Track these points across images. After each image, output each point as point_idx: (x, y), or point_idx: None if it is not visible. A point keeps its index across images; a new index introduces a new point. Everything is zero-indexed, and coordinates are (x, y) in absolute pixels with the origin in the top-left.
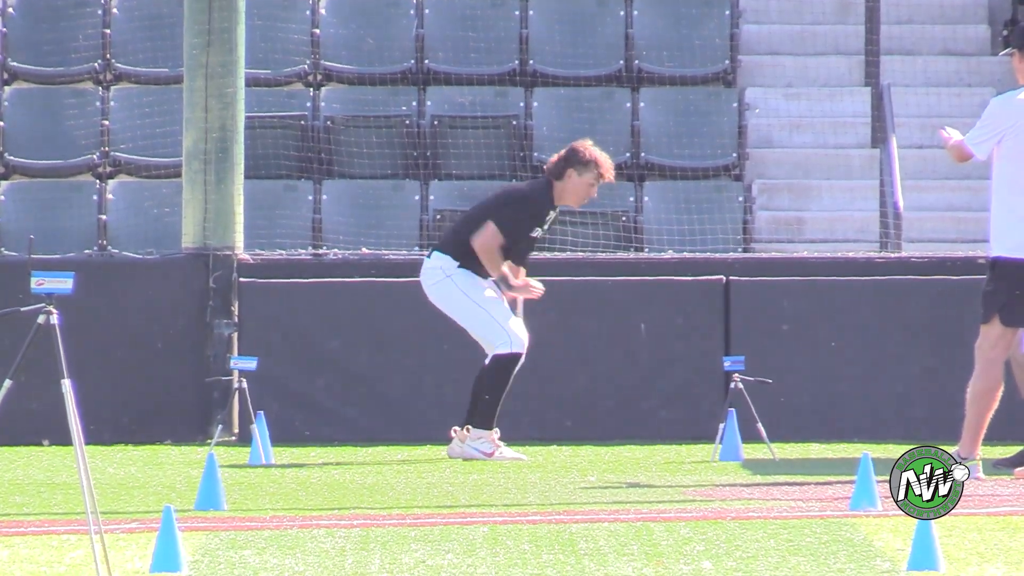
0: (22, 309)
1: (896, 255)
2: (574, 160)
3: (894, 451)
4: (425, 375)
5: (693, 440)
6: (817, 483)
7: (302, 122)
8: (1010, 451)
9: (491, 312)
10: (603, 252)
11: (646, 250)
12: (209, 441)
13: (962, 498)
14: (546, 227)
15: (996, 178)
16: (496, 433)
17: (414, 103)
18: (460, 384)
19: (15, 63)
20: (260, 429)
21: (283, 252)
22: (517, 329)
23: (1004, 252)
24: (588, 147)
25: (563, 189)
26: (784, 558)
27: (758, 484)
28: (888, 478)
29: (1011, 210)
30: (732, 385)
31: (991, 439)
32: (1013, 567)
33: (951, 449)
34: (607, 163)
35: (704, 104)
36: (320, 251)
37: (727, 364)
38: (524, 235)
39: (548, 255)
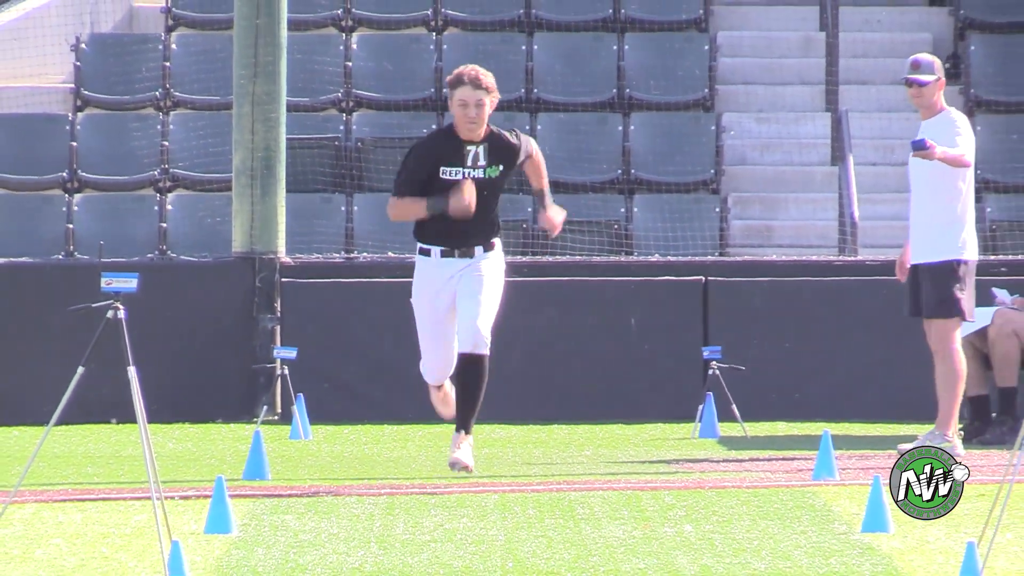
0: (93, 305)
1: (852, 259)
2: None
3: (851, 429)
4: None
5: (676, 420)
6: (783, 457)
7: (336, 143)
8: (911, 431)
9: (419, 328)
10: (598, 256)
11: (635, 254)
12: (255, 420)
13: None
14: (473, 164)
15: (944, 188)
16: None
17: (433, 126)
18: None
19: (87, 92)
20: (300, 409)
21: (320, 256)
22: (436, 360)
23: (954, 255)
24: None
25: (454, 121)
26: (755, 521)
27: (732, 458)
28: (846, 452)
29: (961, 215)
30: (710, 372)
31: (889, 416)
32: (952, 529)
33: (922, 431)
34: (460, 71)
35: (686, 127)
36: (352, 255)
37: (706, 353)
38: (429, 178)
39: (550, 259)
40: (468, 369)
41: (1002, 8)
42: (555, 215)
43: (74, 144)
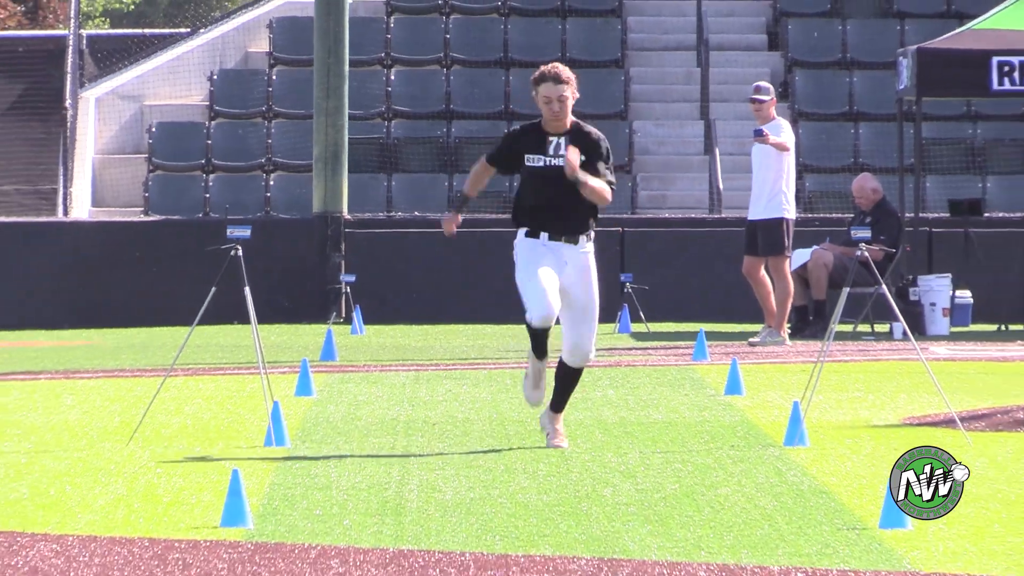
0: (222, 247)
1: (718, 216)
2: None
3: (718, 327)
4: (456, 283)
5: (603, 322)
6: (673, 346)
7: (380, 141)
8: (754, 328)
9: (522, 280)
10: None
11: None
12: (328, 322)
13: (772, 355)
14: (555, 153)
15: (776, 166)
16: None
17: (444, 130)
18: (482, 287)
19: (217, 107)
20: (357, 315)
21: (369, 214)
22: (539, 297)
23: (780, 214)
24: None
25: (542, 115)
26: (655, 388)
27: (639, 347)
28: (714, 342)
29: (785, 187)
30: (625, 290)
31: (742, 320)
32: (785, 393)
33: (761, 327)
34: (542, 69)
35: (610, 130)
36: (391, 214)
37: (622, 278)
38: (517, 162)
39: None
40: (571, 374)
41: (816, 52)
42: (574, 156)
43: (209, 142)
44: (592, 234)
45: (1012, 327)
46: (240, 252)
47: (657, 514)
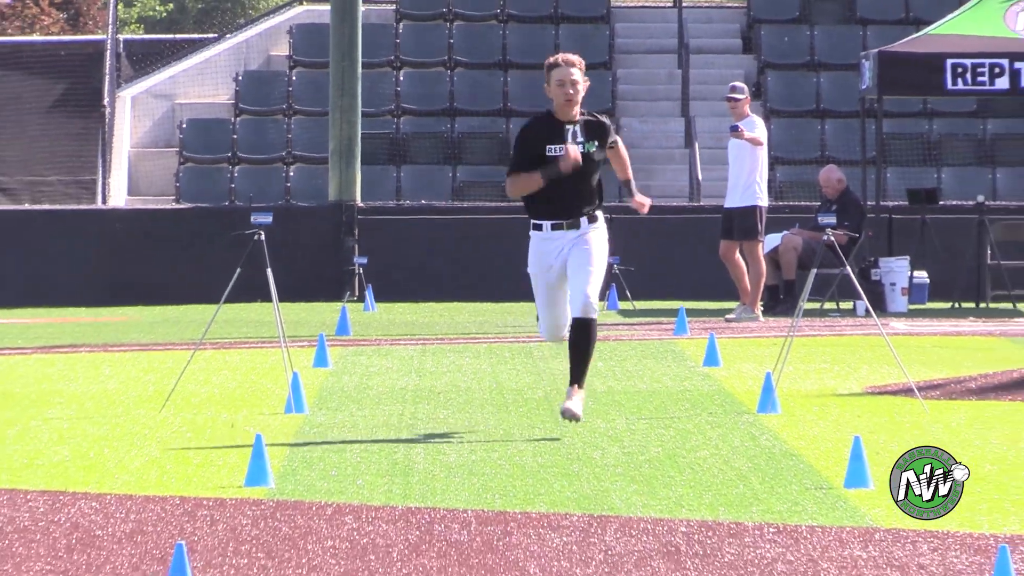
0: (246, 232)
1: (697, 204)
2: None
3: (697, 305)
4: (459, 265)
5: None
6: (656, 322)
7: (390, 136)
8: (730, 305)
9: (535, 291)
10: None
11: None
12: (343, 300)
13: (747, 330)
14: (573, 140)
15: (751, 159)
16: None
17: (448, 126)
18: (483, 269)
19: (242, 105)
20: (369, 294)
21: (380, 202)
22: (547, 320)
23: (754, 202)
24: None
25: (553, 103)
26: (640, 360)
27: (626, 323)
28: (694, 318)
29: (758, 178)
30: (613, 271)
31: (719, 298)
32: (758, 365)
33: (736, 305)
34: (554, 56)
35: None
36: (400, 202)
37: (611, 260)
38: (537, 156)
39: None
40: (580, 332)
41: (786, 55)
42: (642, 200)
43: (234, 137)
44: (598, 216)
45: (964, 305)
46: (263, 237)
47: (642, 475)
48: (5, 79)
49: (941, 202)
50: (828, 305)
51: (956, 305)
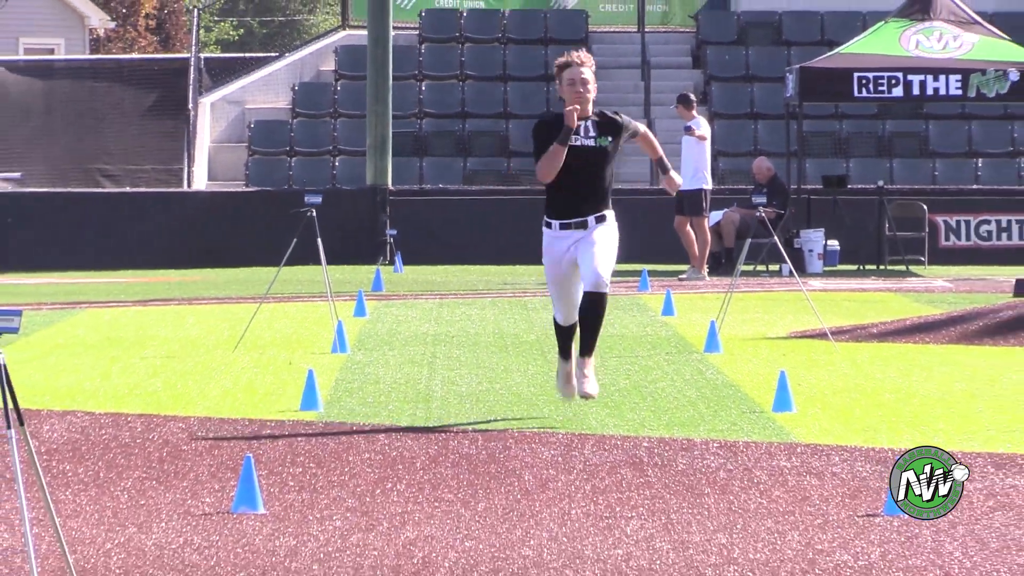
0: (301, 210)
1: (657, 187)
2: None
3: (659, 267)
4: (469, 237)
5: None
6: (624, 280)
7: (415, 134)
8: (682, 268)
9: (548, 283)
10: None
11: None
12: (377, 264)
13: (696, 287)
14: (585, 135)
15: (698, 151)
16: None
17: (460, 126)
18: (488, 240)
19: (299, 110)
20: (398, 259)
21: (407, 186)
22: (561, 307)
23: (700, 186)
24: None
25: (566, 101)
26: (611, 311)
27: None
28: (654, 278)
29: (704, 166)
30: None
31: (674, 262)
32: (705, 316)
33: (687, 267)
34: (565, 55)
35: None
36: (423, 187)
37: None
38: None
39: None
40: (590, 305)
41: (726, 70)
42: (675, 178)
43: (292, 134)
44: (607, 216)
45: (867, 267)
46: (314, 213)
47: (613, 401)
48: (110, 89)
49: (849, 186)
50: (760, 268)
51: (861, 267)
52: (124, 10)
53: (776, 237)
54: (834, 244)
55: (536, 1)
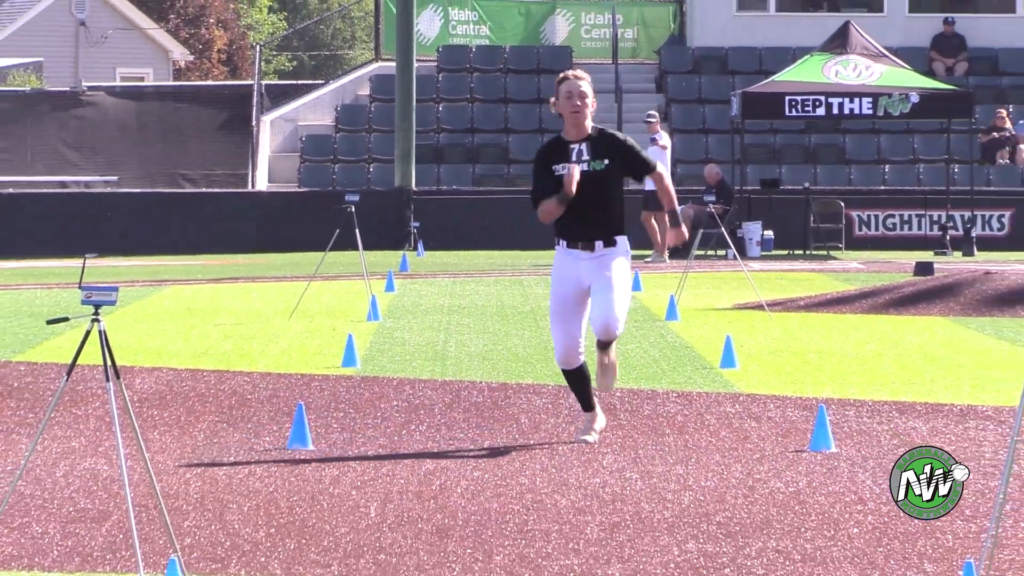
0: (343, 206)
1: (639, 187)
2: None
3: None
4: (478, 228)
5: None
6: None
7: (433, 146)
8: (649, 252)
9: (550, 315)
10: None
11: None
12: (403, 250)
13: (659, 268)
14: (577, 159)
15: (661, 159)
16: (591, 420)
17: (470, 139)
18: (494, 232)
19: (341, 126)
20: (420, 245)
21: (428, 187)
22: (560, 344)
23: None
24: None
25: (564, 121)
26: None
27: None
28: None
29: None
30: None
31: (641, 249)
32: (666, 291)
33: (651, 252)
34: (567, 71)
35: None
36: (441, 187)
37: None
38: (548, 176)
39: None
40: (601, 348)
41: (684, 94)
42: (679, 233)
43: (335, 146)
44: (618, 240)
45: (795, 252)
46: (353, 209)
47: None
48: (189, 109)
49: (781, 187)
50: (710, 253)
51: (790, 252)
52: (200, 46)
53: (723, 228)
54: (769, 234)
55: (531, 39)
